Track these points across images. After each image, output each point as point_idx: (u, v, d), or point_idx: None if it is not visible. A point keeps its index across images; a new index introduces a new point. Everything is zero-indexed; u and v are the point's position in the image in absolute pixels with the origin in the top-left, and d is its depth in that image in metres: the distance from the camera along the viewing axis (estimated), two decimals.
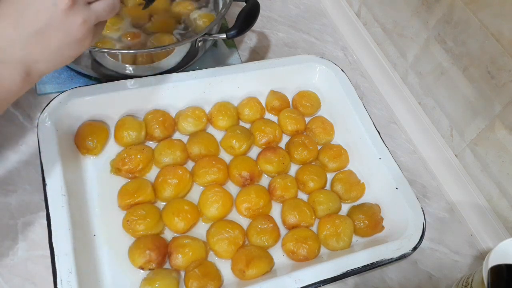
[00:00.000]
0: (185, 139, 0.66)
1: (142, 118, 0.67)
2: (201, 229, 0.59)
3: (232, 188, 0.64)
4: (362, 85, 0.83)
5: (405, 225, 0.59)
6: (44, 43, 0.40)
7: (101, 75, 0.69)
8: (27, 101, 0.67)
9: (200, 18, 0.76)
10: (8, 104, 0.41)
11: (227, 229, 0.57)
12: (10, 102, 0.41)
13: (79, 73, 0.71)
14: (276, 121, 0.72)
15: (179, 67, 0.71)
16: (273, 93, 0.74)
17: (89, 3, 0.41)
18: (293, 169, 0.68)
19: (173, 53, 0.67)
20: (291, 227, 0.61)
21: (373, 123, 0.69)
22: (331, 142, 0.72)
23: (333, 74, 0.74)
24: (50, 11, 0.38)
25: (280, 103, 0.73)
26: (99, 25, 0.44)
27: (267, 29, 0.88)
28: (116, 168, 0.61)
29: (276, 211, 0.63)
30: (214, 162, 0.63)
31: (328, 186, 0.67)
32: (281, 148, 0.69)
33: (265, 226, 0.59)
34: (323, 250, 0.60)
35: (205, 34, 0.66)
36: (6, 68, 0.39)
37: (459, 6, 0.62)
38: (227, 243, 0.56)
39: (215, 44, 0.81)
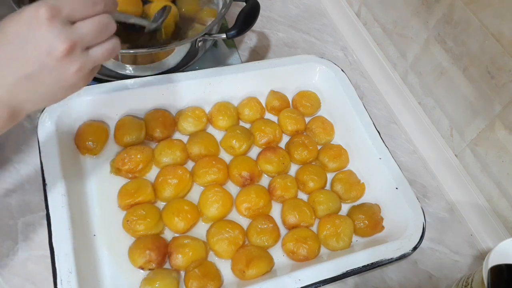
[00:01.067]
0: (185, 139, 0.66)
1: (142, 118, 0.67)
2: (201, 229, 0.59)
3: (232, 188, 0.64)
4: (362, 85, 0.83)
5: (405, 225, 0.59)
6: (33, 87, 0.37)
7: (101, 75, 0.69)
8: None
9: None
10: None
11: (227, 229, 0.57)
12: None
13: None
14: (276, 121, 0.72)
15: (179, 67, 0.71)
16: (273, 93, 0.74)
17: (88, 48, 0.38)
18: (293, 169, 0.68)
19: (173, 53, 0.67)
20: (291, 227, 0.61)
21: (373, 123, 0.69)
22: (331, 142, 0.72)
23: (333, 74, 0.74)
24: (43, 58, 0.36)
25: (280, 103, 0.73)
26: (96, 67, 0.41)
27: (267, 29, 0.88)
28: (116, 168, 0.61)
29: (276, 211, 0.63)
30: (214, 162, 0.63)
31: (328, 186, 0.67)
32: (281, 148, 0.69)
33: (265, 226, 0.59)
34: (323, 250, 0.60)
35: (205, 34, 0.66)
36: None
37: (459, 6, 0.62)
38: (227, 243, 0.56)
39: (215, 44, 0.81)
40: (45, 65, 0.36)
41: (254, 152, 0.68)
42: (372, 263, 0.55)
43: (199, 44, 0.68)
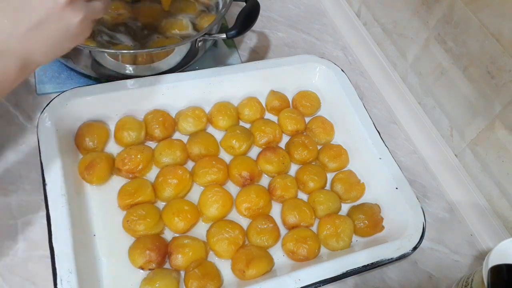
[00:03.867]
0: (185, 139, 0.66)
1: (142, 118, 0.67)
2: (201, 229, 0.59)
3: (232, 188, 0.64)
4: (362, 85, 0.83)
5: (405, 225, 0.59)
6: (41, 36, 0.40)
7: (101, 75, 0.69)
8: (27, 101, 0.67)
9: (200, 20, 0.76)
10: (4, 94, 0.41)
11: (227, 229, 0.57)
12: (5, 92, 0.41)
13: (79, 73, 0.71)
14: (276, 121, 0.72)
15: (179, 67, 0.71)
16: (273, 93, 0.74)
17: (88, 0, 0.42)
18: (293, 169, 0.68)
19: (173, 53, 0.67)
20: (291, 227, 0.61)
21: (373, 123, 0.69)
22: (331, 142, 0.72)
23: (333, 74, 0.74)
24: (50, 6, 0.39)
25: (280, 103, 0.73)
26: (94, 20, 0.45)
27: (267, 29, 0.88)
28: (116, 168, 0.61)
29: (276, 211, 0.63)
30: (214, 162, 0.63)
31: (328, 186, 0.67)
32: (281, 148, 0.69)
33: (265, 226, 0.59)
34: (323, 250, 0.60)
35: (205, 34, 0.66)
36: (2, 60, 0.40)
37: (459, 6, 0.62)
38: (227, 243, 0.56)
39: (215, 44, 0.81)
40: (52, 14, 0.40)
41: (254, 152, 0.68)
42: (372, 263, 0.55)
43: (199, 44, 0.68)
